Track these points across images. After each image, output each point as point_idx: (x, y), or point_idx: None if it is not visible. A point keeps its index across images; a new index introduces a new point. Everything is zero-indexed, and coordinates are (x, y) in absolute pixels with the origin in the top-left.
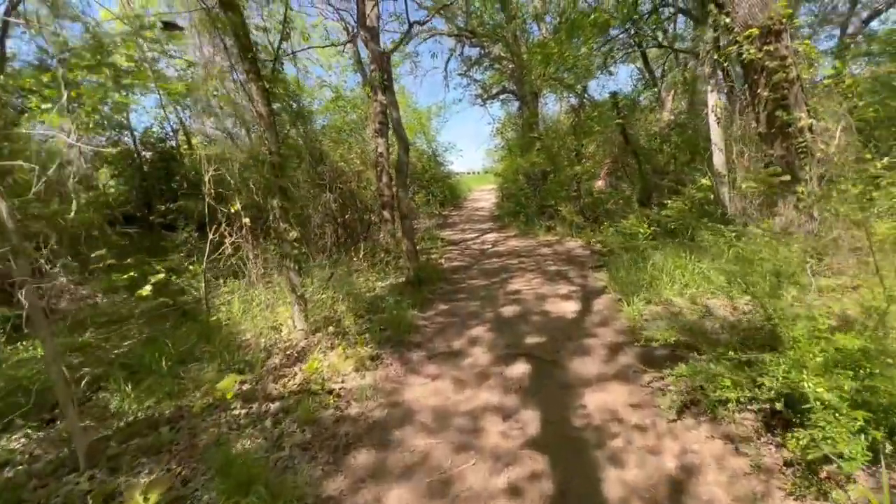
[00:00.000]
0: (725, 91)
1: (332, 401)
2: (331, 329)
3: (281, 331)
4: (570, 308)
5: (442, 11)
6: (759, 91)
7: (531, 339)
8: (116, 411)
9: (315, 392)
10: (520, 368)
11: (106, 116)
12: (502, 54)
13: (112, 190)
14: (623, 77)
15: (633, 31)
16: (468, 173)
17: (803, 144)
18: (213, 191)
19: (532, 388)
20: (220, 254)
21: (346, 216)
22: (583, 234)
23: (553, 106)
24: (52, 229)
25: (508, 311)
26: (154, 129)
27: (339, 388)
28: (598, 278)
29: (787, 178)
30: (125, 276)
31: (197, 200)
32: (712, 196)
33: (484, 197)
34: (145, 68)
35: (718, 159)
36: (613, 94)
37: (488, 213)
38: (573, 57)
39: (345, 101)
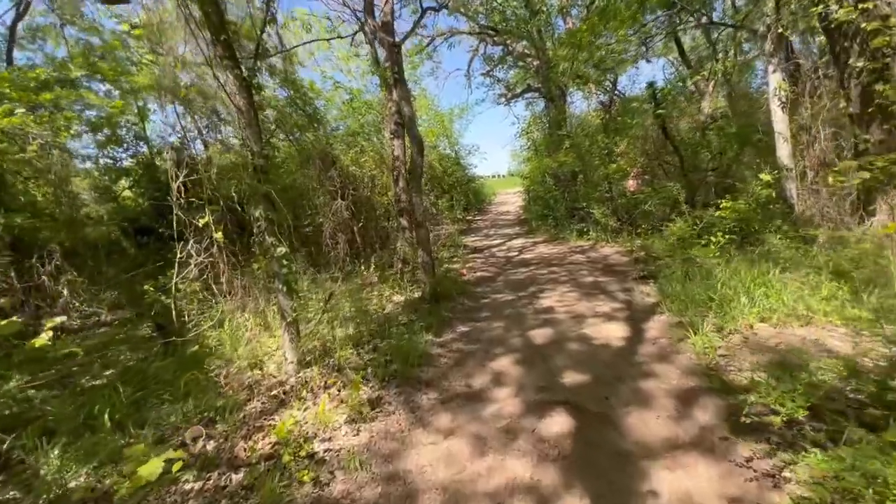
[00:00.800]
0: (790, 71)
1: (307, 476)
2: (328, 362)
3: (268, 365)
4: (615, 333)
5: (462, 10)
6: (849, 62)
7: (570, 378)
8: (47, 481)
9: (287, 464)
10: (558, 423)
11: (112, 126)
12: (526, 51)
13: (129, 202)
14: (653, 72)
15: (676, 9)
16: (493, 176)
17: None
18: (182, 200)
19: (576, 457)
20: (184, 275)
21: (361, 224)
22: (619, 239)
23: (580, 104)
24: (64, 241)
25: (539, 335)
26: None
27: (324, 451)
28: (645, 293)
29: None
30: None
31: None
32: (774, 194)
33: (510, 200)
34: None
35: (784, 150)
36: (651, 84)
37: (515, 217)
38: (605, 46)
39: (361, 102)
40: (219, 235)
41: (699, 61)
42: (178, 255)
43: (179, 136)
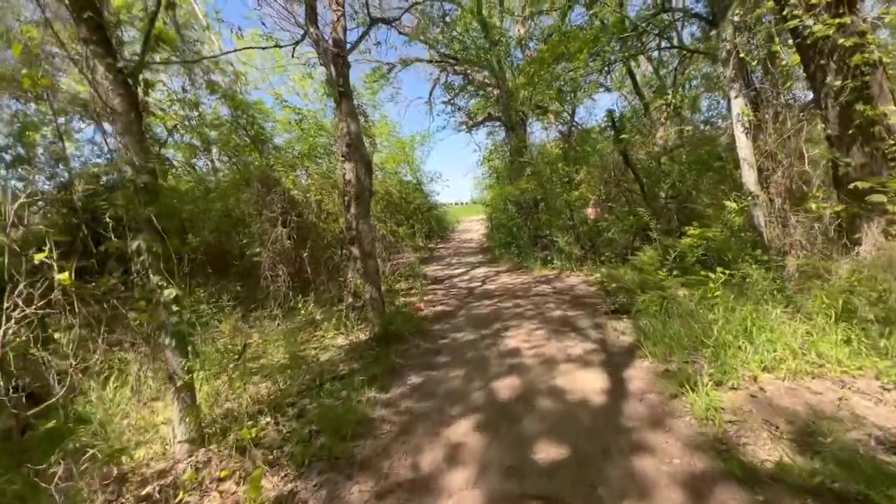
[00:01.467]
0: (752, 97)
1: None
2: (231, 439)
3: (151, 445)
4: (594, 384)
5: (422, 37)
6: (826, 80)
7: (545, 453)
8: None
9: None
10: None
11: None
12: (486, 81)
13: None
14: (608, 106)
15: (637, 32)
16: (456, 204)
17: (894, 148)
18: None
19: None
20: (17, 330)
21: (306, 254)
22: (585, 268)
23: (540, 134)
24: None
25: (505, 387)
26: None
27: None
28: (619, 330)
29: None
30: None
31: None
32: (742, 222)
33: (473, 227)
34: None
35: (750, 177)
36: (610, 112)
37: (477, 245)
38: (563, 74)
39: (313, 124)
40: (64, 277)
41: (652, 94)
42: (6, 304)
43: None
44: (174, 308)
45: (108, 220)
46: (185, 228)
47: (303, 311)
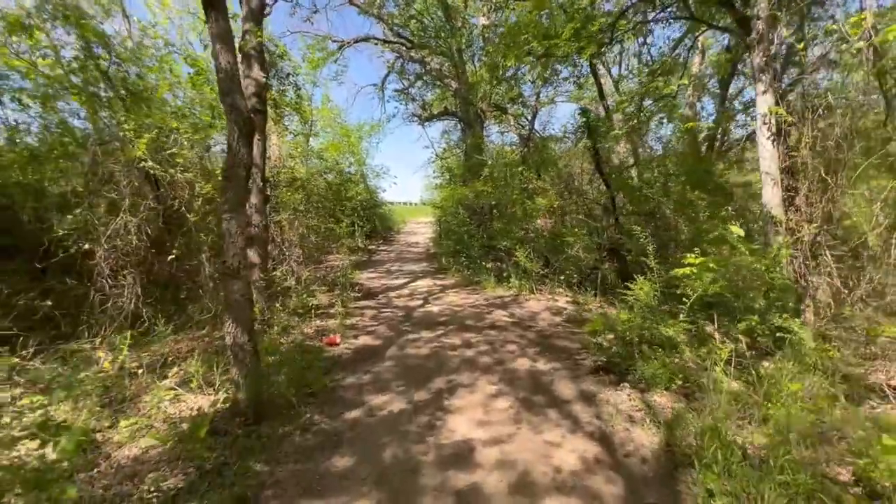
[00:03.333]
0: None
1: None
2: None
3: None
4: None
5: (377, 13)
6: None
7: None
8: None
9: None
10: None
11: None
12: (445, 72)
13: None
14: (565, 116)
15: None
16: (405, 204)
17: None
18: None
19: None
20: None
21: (168, 257)
22: (545, 289)
23: (497, 138)
24: None
25: None
26: None
27: None
28: (622, 409)
29: None
30: None
31: None
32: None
33: (420, 230)
34: None
35: (773, 196)
36: (585, 111)
37: (423, 251)
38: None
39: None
40: None
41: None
42: None
43: None
44: None
45: None
46: None
47: (107, 363)
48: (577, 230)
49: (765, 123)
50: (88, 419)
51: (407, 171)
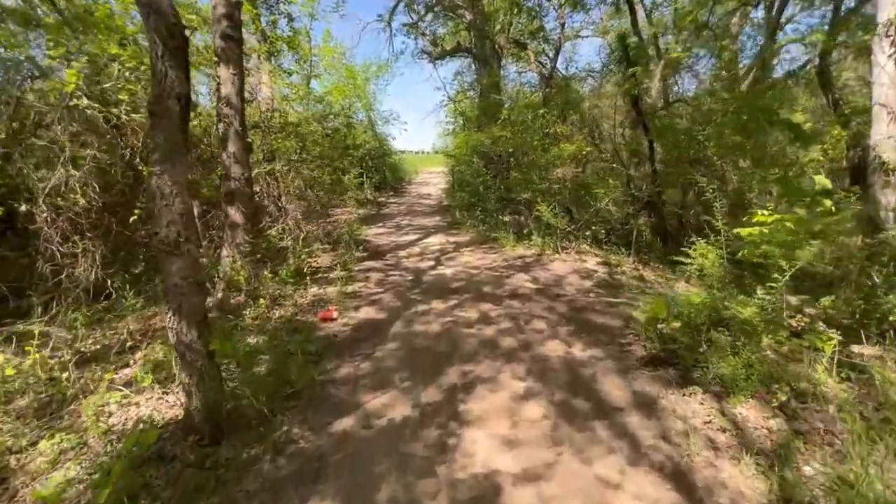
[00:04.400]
0: None
1: None
2: None
3: None
4: None
5: None
6: None
7: None
8: None
9: None
10: None
11: None
12: (459, 2)
13: None
14: (589, 54)
15: None
16: (417, 153)
17: None
18: None
19: None
20: None
21: (130, 218)
22: (572, 248)
23: (515, 79)
24: None
25: None
26: None
27: None
28: (697, 427)
29: None
30: None
31: None
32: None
33: (432, 181)
34: None
35: (888, 134)
36: (622, 37)
37: (436, 203)
38: None
39: None
40: None
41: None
42: None
43: None
44: None
45: None
46: None
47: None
48: (609, 180)
49: (888, 35)
50: (4, 437)
51: (417, 117)
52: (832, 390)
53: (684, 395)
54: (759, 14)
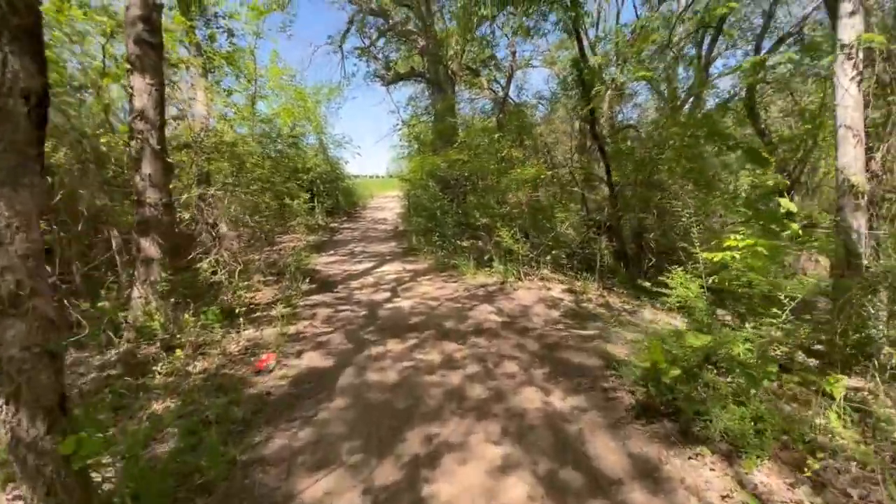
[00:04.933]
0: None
1: None
2: None
3: None
4: None
5: None
6: None
7: None
8: None
9: None
10: None
11: None
12: (411, 28)
13: None
14: (538, 83)
15: None
16: (371, 177)
17: None
18: None
19: None
20: None
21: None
22: (534, 274)
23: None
24: None
25: None
26: None
27: None
28: (705, 489)
29: None
30: None
31: None
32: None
33: (387, 205)
34: None
35: (853, 158)
36: (577, 62)
37: (392, 228)
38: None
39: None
40: None
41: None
42: None
43: None
44: None
45: None
46: None
47: None
48: (566, 203)
49: (850, 58)
50: None
51: (371, 142)
52: (847, 440)
53: (690, 457)
54: (692, 51)
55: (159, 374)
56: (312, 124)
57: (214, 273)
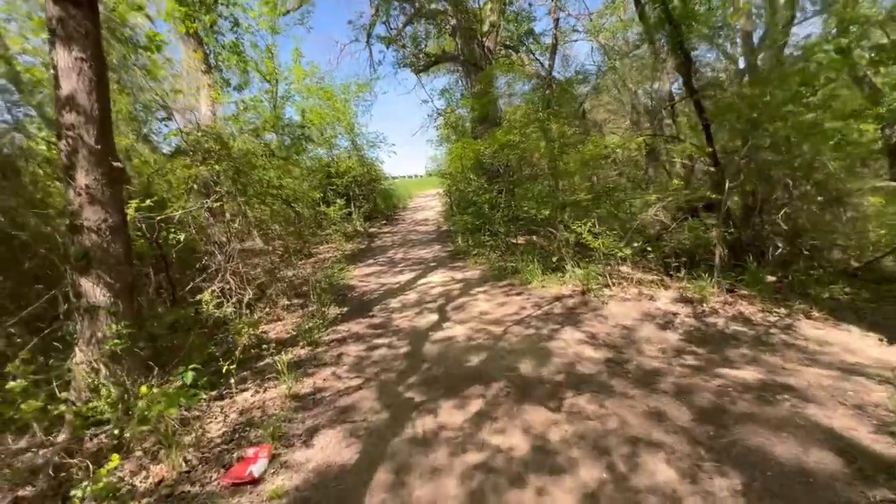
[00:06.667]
0: None
1: None
2: None
3: None
4: None
5: None
6: None
7: None
8: None
9: None
10: None
11: None
12: (440, 7)
13: None
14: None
15: None
16: (409, 177)
17: None
18: None
19: None
20: None
21: None
22: (634, 276)
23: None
24: None
25: None
26: None
27: None
28: None
29: None
30: None
31: None
32: None
33: (428, 204)
34: None
35: None
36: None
37: (434, 229)
38: None
39: None
40: None
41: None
42: None
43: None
44: None
45: None
46: None
47: None
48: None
49: None
50: None
51: (404, 138)
52: None
53: None
54: None
55: (79, 500)
56: (343, 124)
57: (219, 306)
